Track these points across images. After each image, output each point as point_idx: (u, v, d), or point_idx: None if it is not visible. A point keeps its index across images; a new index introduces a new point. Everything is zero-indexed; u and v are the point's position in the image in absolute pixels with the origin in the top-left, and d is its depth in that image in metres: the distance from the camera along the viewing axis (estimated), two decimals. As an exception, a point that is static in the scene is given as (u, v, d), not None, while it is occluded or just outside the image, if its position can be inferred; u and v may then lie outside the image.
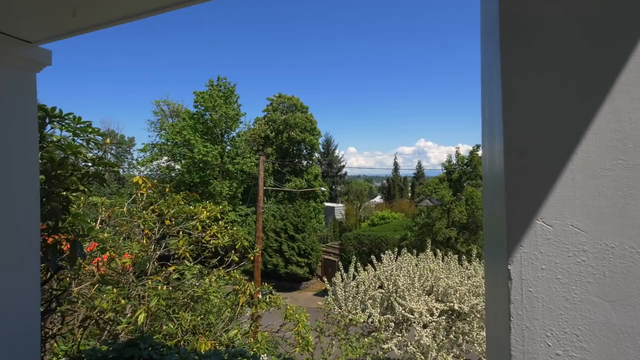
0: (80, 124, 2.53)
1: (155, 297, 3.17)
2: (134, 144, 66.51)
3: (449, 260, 11.58)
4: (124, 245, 4.06)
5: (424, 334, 9.13)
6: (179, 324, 3.24)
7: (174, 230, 4.53)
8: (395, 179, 73.21)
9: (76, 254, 1.93)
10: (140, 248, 3.75)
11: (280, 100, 41.60)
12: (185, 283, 4.25)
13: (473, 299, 10.05)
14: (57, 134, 2.65)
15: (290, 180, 38.90)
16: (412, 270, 10.64)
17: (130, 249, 3.88)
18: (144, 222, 4.17)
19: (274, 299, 4.95)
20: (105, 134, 2.63)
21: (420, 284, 10.34)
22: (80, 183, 2.53)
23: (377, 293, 10.39)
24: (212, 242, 4.51)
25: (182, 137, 32.06)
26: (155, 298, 3.13)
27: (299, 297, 28.30)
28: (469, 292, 10.24)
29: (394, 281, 10.55)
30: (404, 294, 10.06)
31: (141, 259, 4.15)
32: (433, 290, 10.69)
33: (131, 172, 43.31)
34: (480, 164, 22.63)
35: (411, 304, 9.86)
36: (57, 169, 2.34)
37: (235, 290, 4.40)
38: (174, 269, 3.91)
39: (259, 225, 16.49)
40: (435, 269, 10.89)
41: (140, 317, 3.07)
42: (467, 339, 9.85)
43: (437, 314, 9.75)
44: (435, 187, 22.51)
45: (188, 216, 5.05)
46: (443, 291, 10.40)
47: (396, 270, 10.84)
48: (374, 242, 27.18)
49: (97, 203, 4.15)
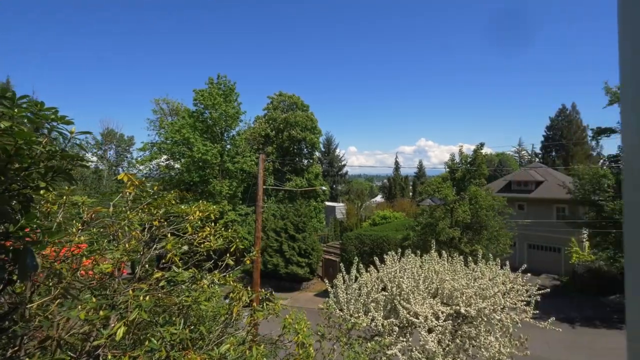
0: (44, 111, 2.16)
1: (136, 308, 2.81)
2: (133, 142, 66.18)
3: (455, 262, 11.21)
4: (108, 248, 3.69)
5: (429, 339, 8.75)
6: (162, 337, 2.88)
7: (163, 232, 4.16)
8: (396, 178, 72.86)
9: (24, 264, 1.57)
10: (123, 252, 3.39)
11: (280, 99, 41.23)
12: (175, 290, 3.89)
13: (480, 302, 9.68)
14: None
15: (291, 180, 38.53)
16: (416, 272, 10.27)
17: (113, 253, 3.52)
18: (130, 223, 3.81)
19: (272, 305, 4.59)
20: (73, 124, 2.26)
21: (425, 286, 9.97)
22: (43, 179, 2.17)
23: (380, 296, 10.01)
24: (203, 246, 4.14)
25: (181, 136, 31.68)
26: (136, 310, 2.78)
27: (300, 298, 27.94)
28: (475, 294, 9.87)
29: (398, 283, 10.18)
30: (408, 296, 9.69)
31: (130, 261, 3.79)
32: (438, 292, 10.32)
33: (131, 171, 42.94)
34: (484, 163, 22.23)
35: (416, 307, 9.49)
36: (11, 161, 1.97)
37: (229, 298, 4.04)
38: (161, 275, 3.54)
39: (258, 224, 16.11)
40: (440, 271, 10.51)
41: (119, 332, 2.70)
42: (474, 343, 9.48)
43: (443, 317, 9.38)
44: (438, 186, 22.12)
45: (182, 217, 4.69)
46: (449, 294, 10.03)
47: (400, 272, 10.46)
48: (376, 242, 26.81)
49: (78, 202, 3.79)
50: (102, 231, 4.04)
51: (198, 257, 4.26)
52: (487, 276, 10.41)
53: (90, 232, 3.80)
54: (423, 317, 9.30)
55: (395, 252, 11.32)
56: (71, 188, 3.40)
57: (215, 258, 4.58)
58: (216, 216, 4.89)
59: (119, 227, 3.89)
